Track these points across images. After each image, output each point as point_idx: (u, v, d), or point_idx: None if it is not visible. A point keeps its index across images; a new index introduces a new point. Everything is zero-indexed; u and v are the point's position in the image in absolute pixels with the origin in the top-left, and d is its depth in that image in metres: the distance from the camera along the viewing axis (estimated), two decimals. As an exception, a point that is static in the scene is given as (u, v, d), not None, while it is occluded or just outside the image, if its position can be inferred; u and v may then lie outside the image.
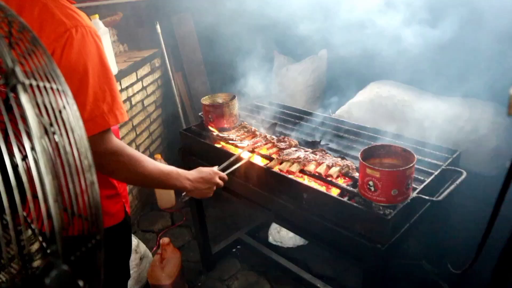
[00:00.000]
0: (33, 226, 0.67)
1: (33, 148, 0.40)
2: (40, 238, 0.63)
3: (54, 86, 0.47)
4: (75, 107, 0.49)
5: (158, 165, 1.32)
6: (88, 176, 0.48)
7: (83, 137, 0.49)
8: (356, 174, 1.67)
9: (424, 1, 2.17)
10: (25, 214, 0.60)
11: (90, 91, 1.09)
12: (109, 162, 1.18)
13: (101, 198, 1.33)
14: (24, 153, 0.43)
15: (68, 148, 0.46)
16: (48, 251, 0.45)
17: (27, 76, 0.42)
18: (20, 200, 0.53)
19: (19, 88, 0.40)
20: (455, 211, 1.96)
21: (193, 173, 1.48)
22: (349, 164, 1.72)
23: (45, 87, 0.45)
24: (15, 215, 0.60)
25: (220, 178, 1.58)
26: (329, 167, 1.72)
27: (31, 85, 0.42)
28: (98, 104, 1.11)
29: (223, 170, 1.68)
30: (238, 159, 1.84)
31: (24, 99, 0.40)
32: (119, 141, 1.20)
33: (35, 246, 0.69)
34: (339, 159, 1.77)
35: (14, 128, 0.45)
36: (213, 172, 1.55)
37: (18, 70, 0.40)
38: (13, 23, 0.51)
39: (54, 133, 0.44)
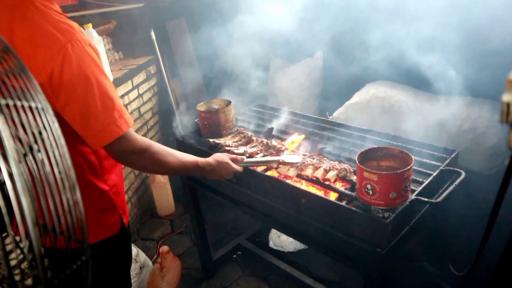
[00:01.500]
0: (21, 245, 0.65)
1: (10, 171, 0.39)
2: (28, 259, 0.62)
3: (33, 105, 0.45)
4: (56, 124, 0.48)
5: (180, 157, 1.46)
6: (70, 196, 0.46)
7: (65, 155, 0.47)
8: (354, 178, 1.65)
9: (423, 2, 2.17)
10: (13, 233, 0.58)
11: (98, 101, 1.11)
12: (137, 159, 1.28)
13: (96, 210, 1.33)
14: (2, 177, 0.41)
15: (48, 168, 0.44)
16: (29, 278, 0.44)
17: (2, 96, 0.41)
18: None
19: (-6, 109, 0.39)
20: (455, 211, 1.95)
21: (209, 159, 1.65)
22: (347, 168, 1.70)
23: (23, 106, 0.43)
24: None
25: (233, 160, 1.73)
26: (326, 171, 1.70)
27: (7, 105, 0.41)
28: (109, 113, 1.14)
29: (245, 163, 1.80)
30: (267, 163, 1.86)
31: (0, 120, 0.39)
32: (145, 139, 1.29)
33: (25, 265, 0.68)
34: (337, 162, 1.76)
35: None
36: (224, 155, 1.73)
37: (-8, 90, 0.39)
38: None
39: (33, 153, 0.43)
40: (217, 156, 1.69)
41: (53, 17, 1.10)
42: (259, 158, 1.87)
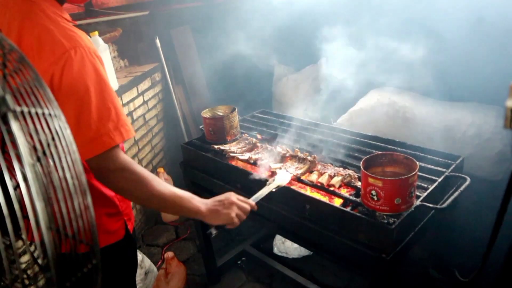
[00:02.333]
0: (31, 248, 0.66)
1: (24, 176, 0.40)
2: (39, 262, 0.63)
3: (47, 111, 0.47)
4: (68, 131, 0.49)
5: (170, 187, 1.28)
6: (81, 200, 0.47)
7: (77, 161, 0.48)
8: (359, 184, 1.66)
9: (425, 7, 2.18)
10: (24, 237, 0.59)
11: (94, 110, 1.09)
12: (117, 179, 1.16)
13: (101, 215, 1.32)
14: (16, 181, 0.43)
15: (61, 173, 0.45)
16: (42, 279, 0.45)
17: (18, 104, 0.42)
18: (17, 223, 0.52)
19: (10, 116, 0.40)
20: (461, 217, 1.95)
21: (207, 200, 1.41)
22: (351, 174, 1.71)
23: (37, 113, 0.45)
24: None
25: (242, 201, 1.46)
26: (331, 177, 1.71)
27: (22, 112, 0.42)
28: (103, 123, 1.10)
29: (255, 198, 1.56)
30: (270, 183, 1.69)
31: (15, 126, 0.40)
32: (127, 158, 1.18)
33: (36, 268, 0.69)
34: (341, 168, 1.76)
35: (8, 156, 0.45)
36: (228, 193, 1.45)
37: (8, 98, 0.40)
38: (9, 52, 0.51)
39: (47, 159, 0.44)
40: (219, 197, 1.44)
41: (61, 25, 1.11)
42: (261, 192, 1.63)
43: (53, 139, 0.46)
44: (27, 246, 0.49)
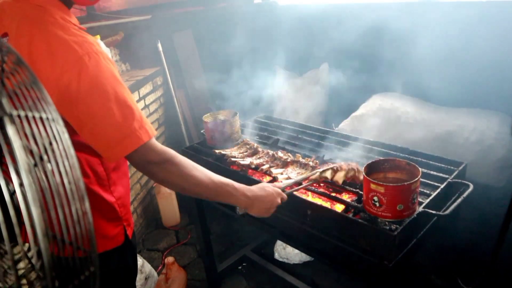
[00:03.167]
0: (29, 255, 0.65)
1: (21, 182, 0.39)
2: (35, 268, 0.62)
3: (44, 115, 0.46)
4: (66, 135, 0.48)
5: (211, 175, 1.32)
6: (79, 206, 0.46)
7: (75, 166, 0.48)
8: (361, 177, 1.63)
9: (428, 11, 2.18)
10: (20, 244, 0.58)
11: (117, 112, 1.09)
12: (158, 171, 1.21)
13: (100, 220, 1.31)
14: (12, 187, 0.42)
15: (58, 179, 0.45)
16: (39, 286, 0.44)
17: (14, 107, 0.41)
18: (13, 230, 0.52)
19: (6, 120, 0.39)
20: (464, 224, 1.93)
21: (254, 190, 1.44)
22: (355, 167, 1.67)
23: (34, 117, 0.44)
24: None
25: (281, 199, 1.52)
26: (334, 171, 1.66)
27: (19, 116, 0.41)
28: (129, 123, 1.11)
29: (286, 187, 1.62)
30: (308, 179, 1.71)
31: (11, 131, 0.39)
32: (168, 150, 1.22)
33: (33, 275, 0.68)
34: (343, 163, 1.72)
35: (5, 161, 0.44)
36: (276, 193, 1.49)
37: (4, 101, 0.40)
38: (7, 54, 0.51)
39: (43, 163, 0.43)
40: (261, 185, 1.50)
41: (71, 31, 1.10)
42: (298, 178, 1.71)
43: (50, 143, 0.45)
44: (23, 253, 0.48)
